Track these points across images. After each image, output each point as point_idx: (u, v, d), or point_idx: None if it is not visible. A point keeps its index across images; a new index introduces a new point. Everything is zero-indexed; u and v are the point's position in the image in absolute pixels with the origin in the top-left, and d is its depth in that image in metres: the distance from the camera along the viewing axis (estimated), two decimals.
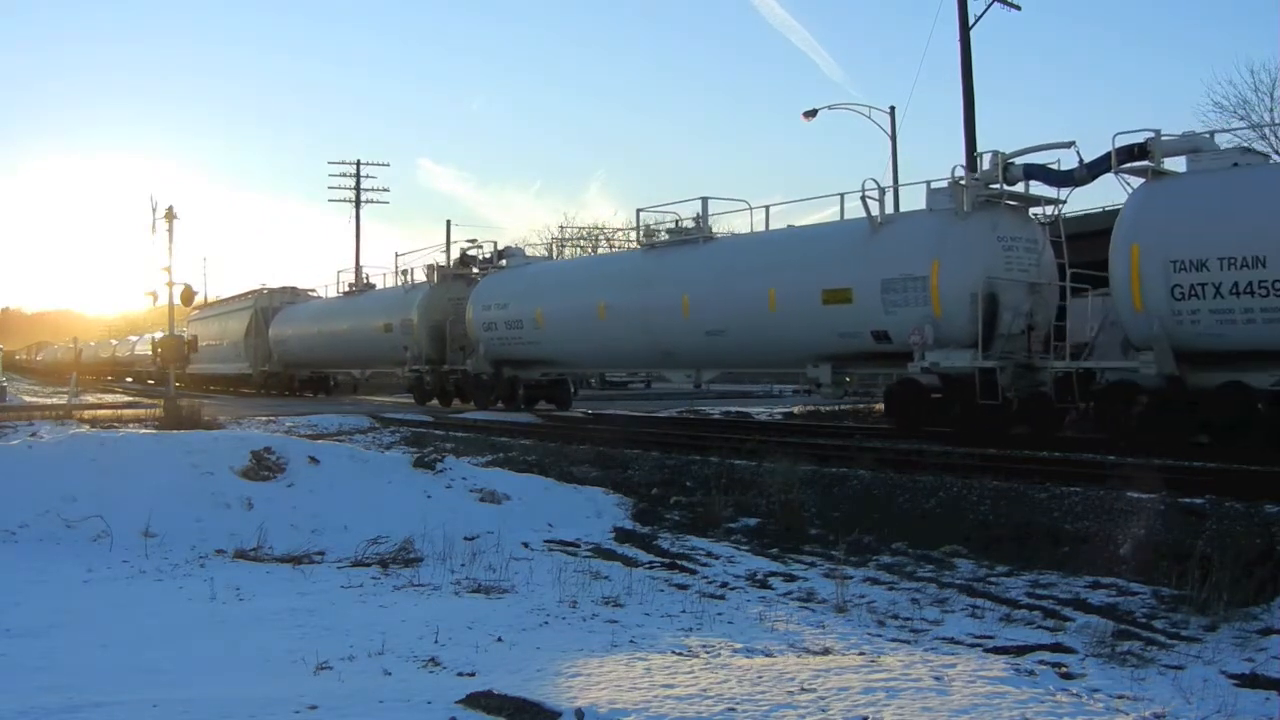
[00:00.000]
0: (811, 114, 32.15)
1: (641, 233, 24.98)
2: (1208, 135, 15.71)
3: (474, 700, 5.06)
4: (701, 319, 21.06)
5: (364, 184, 59.43)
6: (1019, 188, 17.76)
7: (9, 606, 7.25)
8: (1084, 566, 8.92)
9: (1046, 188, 17.69)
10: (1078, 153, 16.46)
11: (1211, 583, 7.62)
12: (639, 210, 26.07)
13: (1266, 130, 29.74)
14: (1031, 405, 16.89)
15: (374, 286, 38.25)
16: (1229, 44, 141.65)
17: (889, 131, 31.39)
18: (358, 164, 59.41)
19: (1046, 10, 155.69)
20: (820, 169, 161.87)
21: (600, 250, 46.42)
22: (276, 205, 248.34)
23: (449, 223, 51.13)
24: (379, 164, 60.52)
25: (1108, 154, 15.81)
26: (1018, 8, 26.99)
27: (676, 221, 23.63)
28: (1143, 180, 15.66)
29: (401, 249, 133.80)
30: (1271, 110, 31.32)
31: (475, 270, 31.07)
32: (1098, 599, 8.17)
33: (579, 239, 55.91)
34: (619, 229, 50.43)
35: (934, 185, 18.20)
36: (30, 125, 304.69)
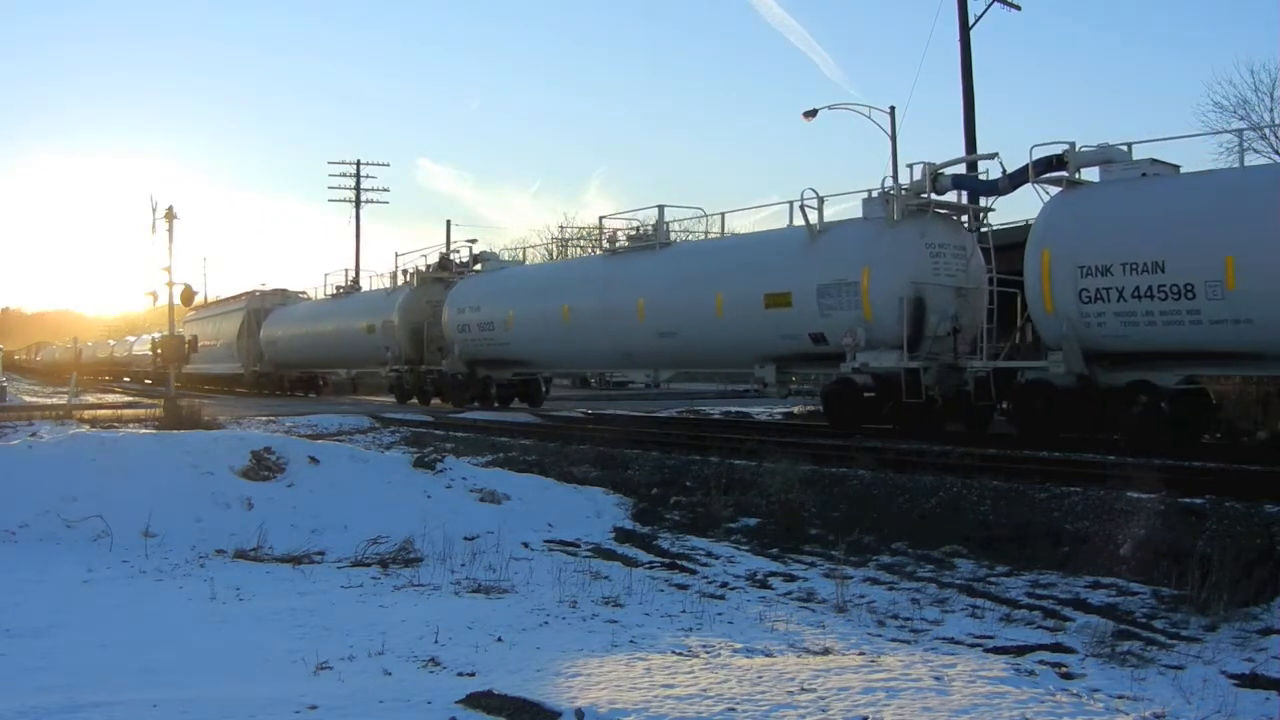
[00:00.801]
0: (812, 114, 32.14)
1: (605, 239, 25.95)
2: (1124, 147, 16.34)
3: (474, 700, 5.06)
4: (656, 321, 22.23)
5: (364, 184, 59.50)
6: (950, 197, 18.75)
7: (9, 606, 7.25)
8: (1084, 566, 8.92)
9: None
10: (1001, 164, 17.51)
11: (1211, 583, 7.63)
12: (601, 218, 27.39)
13: (1267, 130, 29.75)
14: (958, 403, 17.67)
15: (359, 289, 39.56)
16: (1229, 44, 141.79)
17: (889, 131, 31.40)
18: (358, 164, 59.47)
19: (1046, 10, 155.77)
20: (820, 169, 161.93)
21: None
22: (276, 205, 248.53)
23: (449, 223, 51.41)
24: (379, 164, 60.63)
25: (1039, 160, 16.54)
26: (1018, 8, 27.03)
27: (638, 228, 24.72)
28: (1059, 189, 16.48)
29: (401, 249, 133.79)
30: (1271, 110, 31.33)
31: (453, 274, 32.22)
32: (1098, 599, 8.17)
33: (579, 239, 55.90)
34: (619, 229, 50.53)
35: (869, 195, 19.14)
36: (30, 125, 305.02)
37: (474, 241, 33.27)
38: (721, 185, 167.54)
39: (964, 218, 19.10)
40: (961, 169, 19.34)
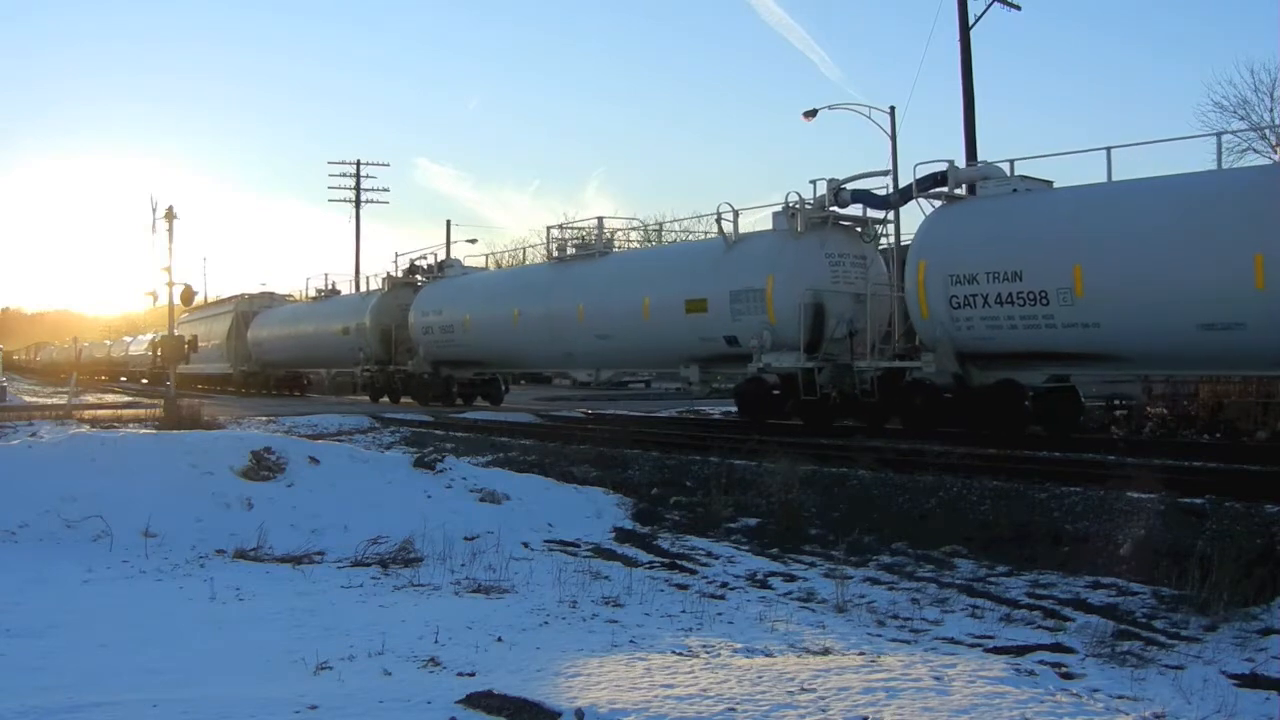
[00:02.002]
0: (812, 114, 32.11)
1: (553, 247, 27.65)
2: (1005, 164, 17.70)
3: (474, 700, 5.05)
4: (593, 324, 23.92)
5: (364, 184, 59.50)
6: (857, 210, 20.25)
7: (9, 606, 7.25)
8: (1084, 566, 8.92)
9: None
10: (893, 180, 19.19)
11: (1211, 583, 7.63)
12: (549, 227, 29.00)
13: (1267, 130, 29.74)
14: (854, 400, 19.04)
15: (338, 292, 41.23)
16: (1229, 44, 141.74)
17: (889, 131, 31.37)
18: (358, 164, 59.47)
19: (1046, 10, 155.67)
20: (820, 169, 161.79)
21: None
22: (276, 205, 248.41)
23: (449, 223, 51.50)
24: (379, 164, 60.64)
25: (924, 178, 18.04)
26: (1018, 8, 27.00)
27: (582, 237, 26.25)
28: (940, 204, 18.00)
29: (400, 249, 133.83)
30: (1271, 110, 31.33)
31: (420, 279, 34.07)
32: (1098, 599, 8.17)
33: (576, 238, 55.85)
34: (619, 229, 50.74)
35: (780, 208, 20.61)
36: (30, 125, 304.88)
37: (474, 241, 34.51)
38: (721, 184, 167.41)
39: (874, 228, 20.76)
40: (871, 183, 20.69)
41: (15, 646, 6.22)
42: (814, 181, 20.25)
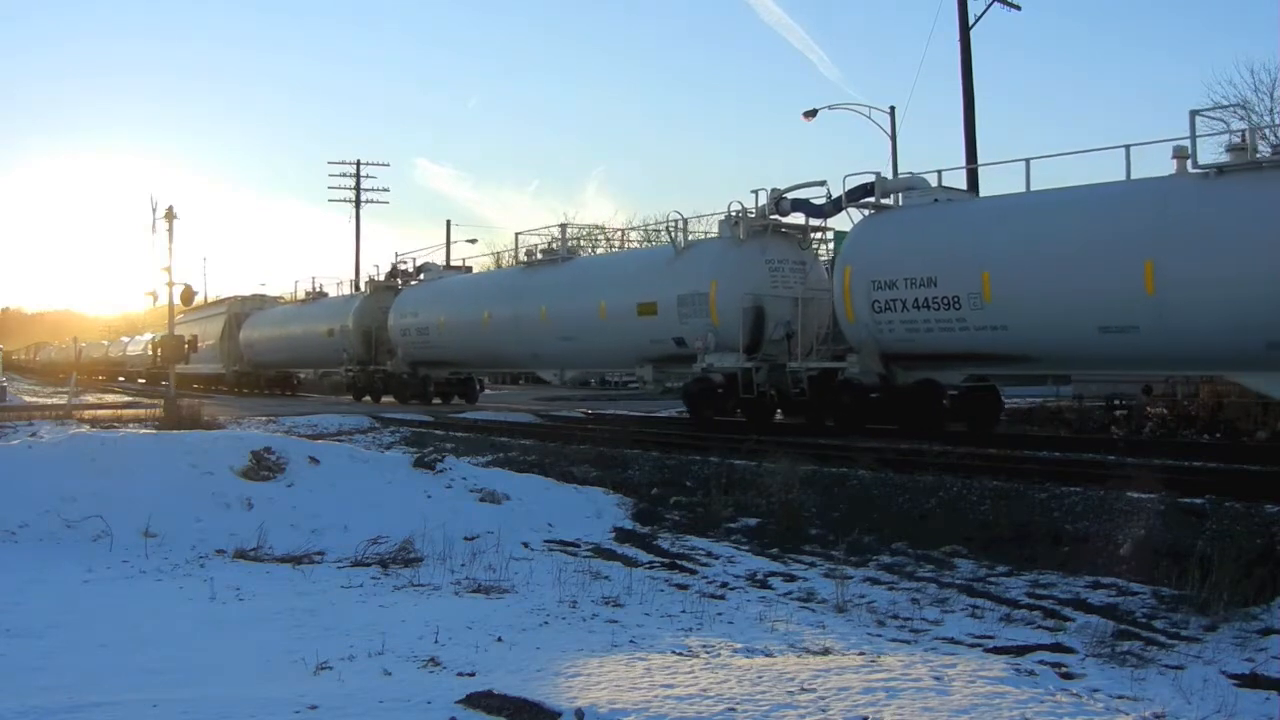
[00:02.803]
0: (812, 114, 32.12)
1: (521, 253, 29.27)
2: (933, 174, 18.77)
3: (474, 700, 5.05)
4: (556, 326, 25.24)
5: (364, 184, 59.52)
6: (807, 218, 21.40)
7: (9, 606, 7.25)
8: (1084, 566, 8.92)
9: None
10: (827, 192, 20.22)
11: (1211, 583, 7.63)
12: (517, 234, 30.73)
13: (1266, 130, 29.72)
14: (792, 398, 20.18)
15: (325, 295, 42.29)
16: (1229, 44, 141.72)
17: (889, 131, 31.38)
18: (358, 164, 59.51)
19: (1046, 10, 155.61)
20: (819, 169, 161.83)
21: (599, 250, 47.79)
22: (276, 205, 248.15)
23: (449, 223, 51.46)
24: (379, 164, 60.69)
25: (853, 189, 19.20)
26: (1018, 8, 27.01)
27: (549, 243, 27.71)
28: (868, 214, 19.16)
29: (400, 249, 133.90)
30: (1271, 110, 31.31)
31: (400, 283, 35.82)
32: (1098, 599, 8.17)
33: (578, 239, 55.88)
34: (619, 229, 50.96)
35: (726, 216, 21.85)
36: (29, 124, 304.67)
37: (474, 241, 35.02)
38: (721, 184, 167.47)
39: (812, 235, 22.05)
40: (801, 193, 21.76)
41: (15, 646, 6.22)
42: (756, 191, 21.58)
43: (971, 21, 26.17)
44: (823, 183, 20.34)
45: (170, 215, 22.76)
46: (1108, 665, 6.49)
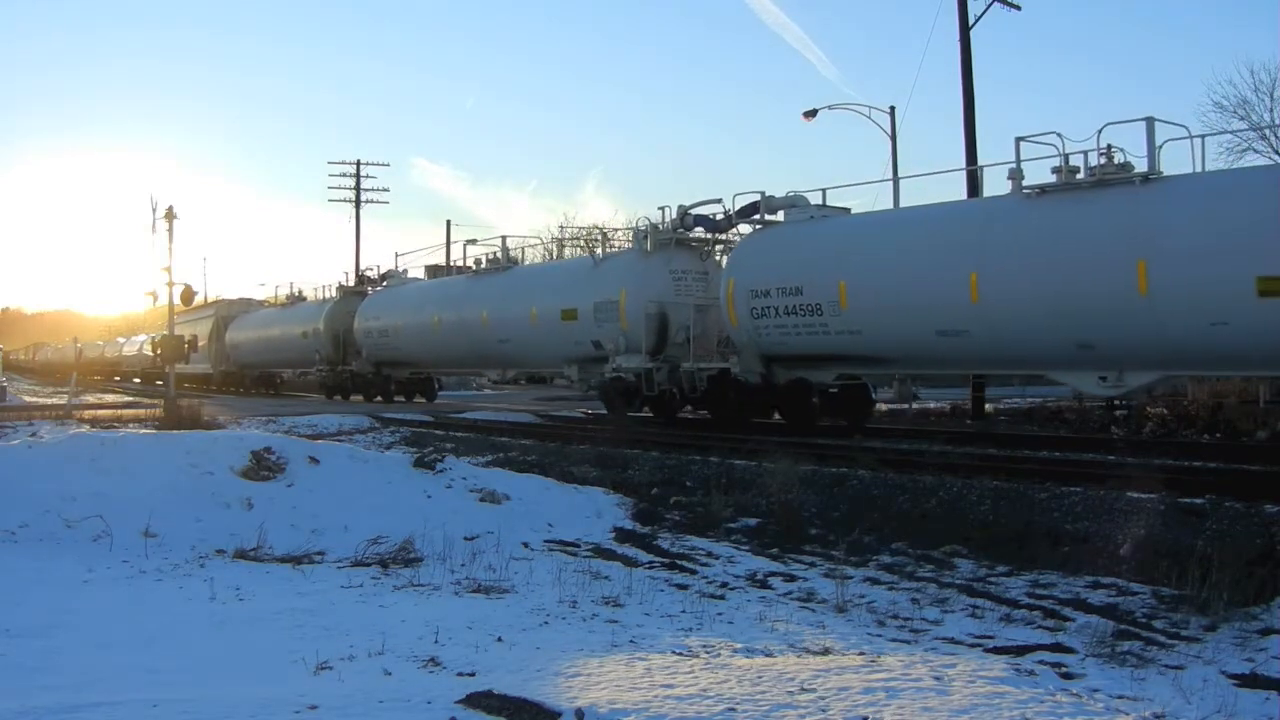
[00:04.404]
0: (812, 114, 32.05)
1: (471, 261, 31.86)
2: (815, 192, 20.55)
3: (474, 700, 5.05)
4: (495, 330, 27.46)
5: (363, 184, 59.42)
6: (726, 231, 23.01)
7: (9, 606, 7.24)
8: (1084, 566, 8.91)
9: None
10: (725, 208, 21.94)
11: (1211, 583, 7.62)
12: (466, 243, 33.49)
13: (1266, 130, 29.74)
14: (691, 396, 21.82)
15: (304, 299, 44.39)
16: (1229, 44, 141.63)
17: (889, 131, 31.33)
18: (358, 164, 59.41)
19: (1046, 10, 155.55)
20: (819, 168, 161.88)
21: (596, 250, 48.63)
22: (276, 205, 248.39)
23: (449, 223, 51.76)
24: (379, 164, 60.63)
25: (743, 207, 21.08)
26: (1018, 7, 26.96)
27: (494, 253, 30.07)
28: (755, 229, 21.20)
29: (399, 248, 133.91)
30: (1271, 110, 31.34)
31: (370, 289, 38.34)
32: (1098, 599, 8.16)
33: (577, 239, 55.86)
34: (618, 229, 51.16)
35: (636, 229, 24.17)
36: (28, 124, 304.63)
37: (473, 241, 35.26)
38: (720, 183, 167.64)
39: (715, 247, 23.93)
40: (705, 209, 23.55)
41: (16, 646, 6.21)
42: (662, 208, 23.80)
43: (971, 22, 26.12)
44: (719, 200, 22.48)
45: (170, 215, 22.79)
46: (1108, 665, 6.49)
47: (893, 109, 31.31)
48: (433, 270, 32.58)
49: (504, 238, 30.32)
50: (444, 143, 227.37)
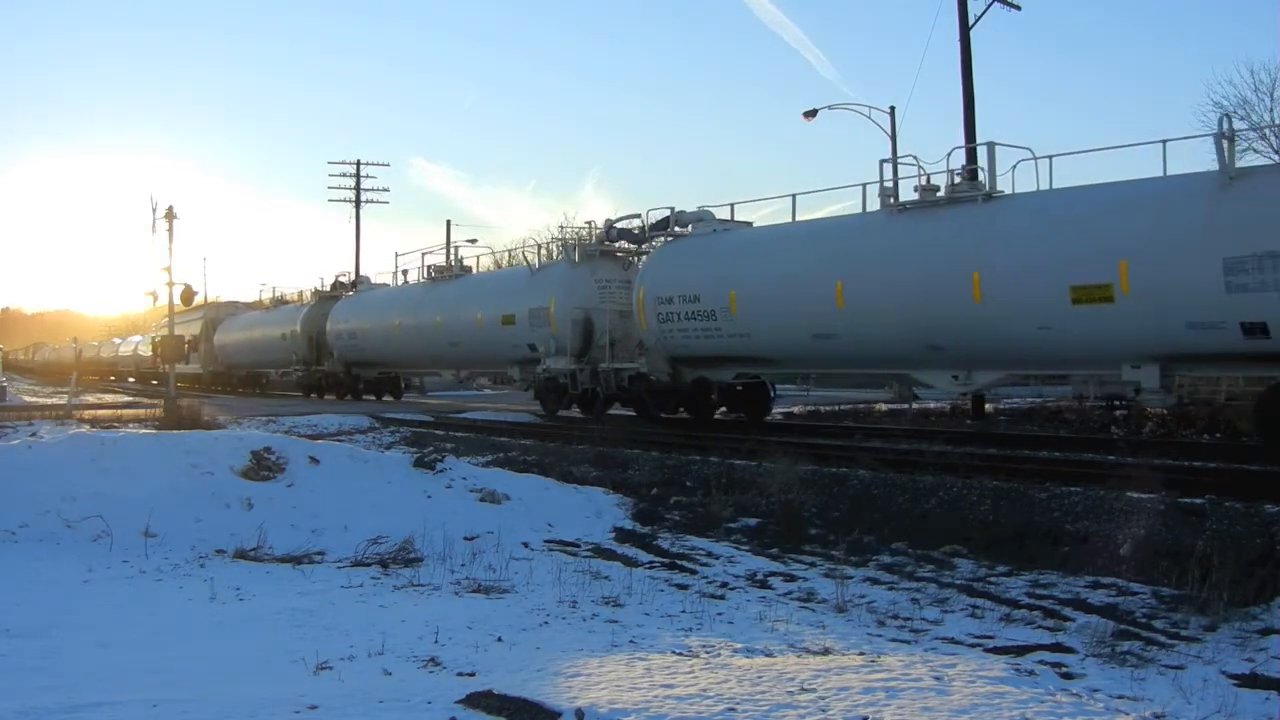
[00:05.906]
0: (812, 114, 32.03)
1: (428, 270, 33.45)
2: (725, 208, 22.43)
3: (474, 700, 5.05)
4: (448, 333, 29.60)
5: (363, 184, 59.36)
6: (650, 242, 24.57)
7: (9, 606, 7.24)
8: (1084, 566, 8.92)
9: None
10: (643, 223, 23.83)
11: (1211, 583, 7.63)
12: (423, 252, 34.98)
13: (1267, 130, 29.71)
14: (612, 394, 23.59)
15: (286, 302, 46.01)
16: (1229, 44, 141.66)
17: (889, 131, 31.33)
18: (358, 164, 59.34)
19: (1046, 10, 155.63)
20: (818, 168, 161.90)
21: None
22: (276, 205, 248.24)
23: (449, 223, 51.51)
24: (379, 164, 60.59)
25: (656, 221, 23.13)
26: (1018, 7, 26.95)
27: (450, 261, 32.35)
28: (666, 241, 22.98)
29: (398, 248, 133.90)
30: (1271, 110, 31.31)
31: (345, 294, 40.24)
32: (1098, 599, 8.17)
33: (576, 240, 55.84)
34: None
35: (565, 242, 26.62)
36: (28, 124, 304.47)
37: (474, 241, 36.37)
38: (719, 182, 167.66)
39: (637, 258, 25.30)
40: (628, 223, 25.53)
41: (16, 646, 6.22)
42: (589, 222, 26.80)
43: (971, 22, 26.11)
44: (638, 215, 24.49)
45: (170, 215, 22.81)
46: (1108, 665, 6.49)
47: (892, 109, 31.33)
48: (434, 270, 33.31)
49: (456, 245, 33.67)
50: (443, 142, 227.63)
